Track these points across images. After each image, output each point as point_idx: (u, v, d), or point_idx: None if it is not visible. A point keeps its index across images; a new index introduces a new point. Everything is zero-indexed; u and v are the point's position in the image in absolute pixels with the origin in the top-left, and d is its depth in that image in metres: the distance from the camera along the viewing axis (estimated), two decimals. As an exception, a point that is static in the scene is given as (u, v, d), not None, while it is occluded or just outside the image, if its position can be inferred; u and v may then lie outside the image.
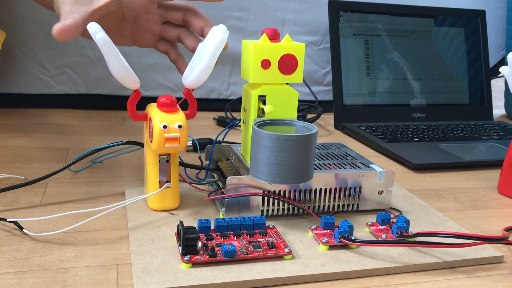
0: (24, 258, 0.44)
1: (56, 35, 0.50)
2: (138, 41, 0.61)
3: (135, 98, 0.51)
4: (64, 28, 0.49)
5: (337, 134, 0.95)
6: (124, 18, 0.58)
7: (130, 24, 0.59)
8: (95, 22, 0.48)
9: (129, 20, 0.59)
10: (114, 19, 0.57)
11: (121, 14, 0.57)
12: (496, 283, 0.45)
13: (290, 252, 0.46)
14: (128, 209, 0.54)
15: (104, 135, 0.84)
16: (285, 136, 0.47)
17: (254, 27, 1.05)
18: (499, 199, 0.66)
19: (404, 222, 0.51)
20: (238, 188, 0.52)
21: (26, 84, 0.97)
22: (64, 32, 0.50)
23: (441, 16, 1.07)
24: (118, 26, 0.58)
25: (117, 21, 0.58)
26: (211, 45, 0.50)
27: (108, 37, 0.47)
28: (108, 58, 0.48)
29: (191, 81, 0.52)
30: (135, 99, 0.51)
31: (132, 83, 0.50)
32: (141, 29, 0.60)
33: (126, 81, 0.50)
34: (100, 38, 0.47)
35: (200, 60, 0.51)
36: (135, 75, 0.50)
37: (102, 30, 0.47)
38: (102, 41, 0.47)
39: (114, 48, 0.48)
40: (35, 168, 0.66)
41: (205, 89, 1.06)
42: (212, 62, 0.50)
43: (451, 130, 0.95)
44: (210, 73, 0.51)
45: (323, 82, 1.13)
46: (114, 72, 0.49)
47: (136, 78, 0.50)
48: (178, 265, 0.43)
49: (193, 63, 0.52)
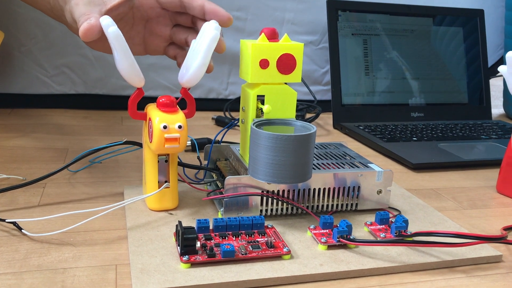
0: (22, 258, 0.44)
1: (83, 35, 0.49)
2: (149, 47, 0.61)
3: (138, 96, 0.51)
4: (91, 28, 0.49)
5: (336, 134, 0.95)
6: (135, 22, 0.58)
7: (142, 29, 0.59)
8: (108, 16, 0.48)
9: (139, 23, 0.58)
10: (125, 25, 0.57)
11: (132, 18, 0.57)
12: (494, 282, 0.45)
13: (289, 252, 0.46)
14: (127, 209, 0.54)
15: (103, 135, 0.83)
16: (284, 135, 0.47)
17: (253, 27, 1.05)
18: (498, 198, 0.66)
19: (403, 222, 0.51)
20: (237, 188, 0.52)
21: (24, 84, 0.97)
22: (91, 31, 0.49)
23: (440, 16, 1.07)
24: (129, 32, 0.58)
25: (129, 26, 0.58)
26: (203, 43, 0.50)
27: (120, 32, 0.47)
28: (118, 53, 0.48)
29: (186, 80, 0.51)
30: (137, 97, 0.51)
31: (137, 81, 0.50)
32: (152, 33, 0.60)
33: (133, 79, 0.50)
34: (112, 32, 0.47)
35: (194, 58, 0.51)
36: (141, 73, 0.50)
37: (115, 24, 0.47)
38: (114, 35, 0.47)
39: (125, 43, 0.48)
40: (34, 168, 0.66)
41: (203, 89, 1.06)
42: (206, 59, 0.50)
43: (449, 130, 0.95)
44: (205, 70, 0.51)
45: (321, 81, 1.13)
46: (122, 68, 0.49)
47: (141, 76, 0.50)
48: (177, 265, 0.43)
49: (187, 62, 0.52)
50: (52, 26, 0.94)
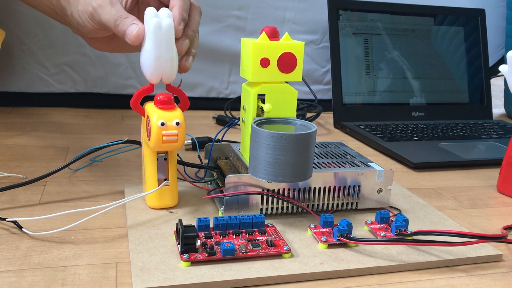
0: (23, 256, 0.44)
1: (135, 40, 0.48)
2: None
3: (148, 90, 0.52)
4: (142, 32, 0.48)
5: (337, 133, 0.95)
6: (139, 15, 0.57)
7: None
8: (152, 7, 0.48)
9: None
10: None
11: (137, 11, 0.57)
12: (494, 282, 0.45)
13: (289, 251, 0.46)
14: (127, 207, 0.54)
15: (104, 134, 0.84)
16: (284, 134, 0.47)
17: (254, 26, 1.04)
18: (498, 197, 0.66)
19: (403, 221, 0.51)
20: (237, 186, 0.52)
21: (25, 82, 0.97)
22: (142, 35, 0.49)
23: (441, 15, 1.07)
24: None
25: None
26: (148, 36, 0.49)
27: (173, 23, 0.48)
28: (163, 45, 0.48)
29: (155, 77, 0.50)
30: (147, 92, 0.52)
31: (158, 77, 0.50)
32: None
33: (162, 72, 0.50)
34: (166, 24, 0.48)
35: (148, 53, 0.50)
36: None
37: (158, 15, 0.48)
38: (167, 27, 0.48)
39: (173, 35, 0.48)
40: (35, 167, 0.66)
41: (204, 88, 1.06)
42: (159, 51, 0.49)
43: (450, 129, 0.95)
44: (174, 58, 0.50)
45: (322, 81, 1.12)
46: (157, 60, 0.49)
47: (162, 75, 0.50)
48: (177, 264, 0.43)
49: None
50: (53, 24, 0.94)
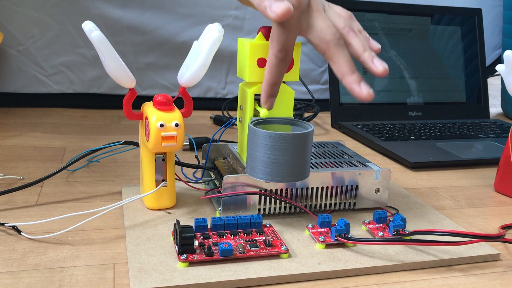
0: (20, 257, 0.44)
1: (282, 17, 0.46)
2: None
3: (131, 96, 0.51)
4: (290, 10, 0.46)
5: (334, 133, 0.95)
6: None
7: None
8: (90, 21, 0.47)
9: None
10: None
11: None
12: (492, 281, 0.45)
13: (287, 251, 0.46)
14: (125, 208, 0.54)
15: (101, 134, 0.83)
16: (281, 134, 0.47)
17: (251, 26, 1.04)
18: (496, 197, 0.66)
19: (401, 221, 0.51)
20: (235, 187, 0.52)
21: (22, 83, 0.97)
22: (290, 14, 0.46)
23: (438, 15, 1.07)
24: None
25: None
26: (206, 44, 0.50)
27: (104, 36, 0.47)
28: (104, 56, 0.48)
29: (186, 80, 0.51)
30: (131, 98, 0.51)
31: (128, 82, 0.50)
32: None
33: (122, 80, 0.50)
34: (95, 36, 0.46)
35: (196, 58, 0.51)
36: (131, 73, 0.50)
37: (98, 29, 0.47)
38: (97, 39, 0.47)
39: (109, 46, 0.47)
40: (31, 168, 0.65)
41: (202, 88, 1.06)
42: (208, 60, 0.50)
43: (447, 129, 0.95)
44: (206, 71, 0.51)
45: (320, 80, 1.13)
46: (110, 70, 0.49)
47: (131, 77, 0.50)
48: (175, 264, 0.43)
49: (188, 61, 0.52)
50: (49, 25, 0.94)
